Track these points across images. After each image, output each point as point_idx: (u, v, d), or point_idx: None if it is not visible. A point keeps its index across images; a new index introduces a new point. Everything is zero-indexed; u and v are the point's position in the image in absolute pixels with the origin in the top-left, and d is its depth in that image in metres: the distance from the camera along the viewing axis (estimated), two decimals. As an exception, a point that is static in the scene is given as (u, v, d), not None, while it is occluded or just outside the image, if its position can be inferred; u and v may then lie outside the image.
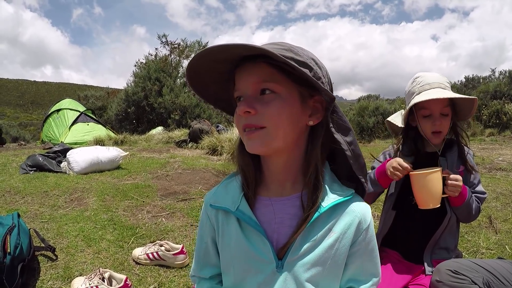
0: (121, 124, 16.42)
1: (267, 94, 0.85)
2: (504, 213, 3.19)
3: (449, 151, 1.80)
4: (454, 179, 1.60)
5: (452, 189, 1.59)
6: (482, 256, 2.44)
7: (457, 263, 1.50)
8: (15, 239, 2.04)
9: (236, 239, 0.94)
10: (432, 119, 1.71)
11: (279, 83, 0.85)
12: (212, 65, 0.88)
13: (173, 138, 9.25)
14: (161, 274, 2.27)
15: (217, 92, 0.98)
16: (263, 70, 0.84)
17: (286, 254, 0.90)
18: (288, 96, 0.86)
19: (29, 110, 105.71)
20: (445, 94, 1.66)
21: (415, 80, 1.81)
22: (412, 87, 1.80)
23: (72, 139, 9.44)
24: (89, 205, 3.38)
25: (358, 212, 0.94)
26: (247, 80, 0.87)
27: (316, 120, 0.91)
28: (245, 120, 0.86)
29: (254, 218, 0.91)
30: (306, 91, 0.88)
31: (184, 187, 4.12)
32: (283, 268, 0.90)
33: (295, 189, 0.95)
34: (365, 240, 0.95)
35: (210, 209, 1.01)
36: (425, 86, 1.74)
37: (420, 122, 1.75)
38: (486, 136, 10.86)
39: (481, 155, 6.17)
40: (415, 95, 1.75)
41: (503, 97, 16.01)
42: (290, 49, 0.84)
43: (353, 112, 14.19)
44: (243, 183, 0.96)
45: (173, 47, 18.00)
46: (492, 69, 24.90)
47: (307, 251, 0.90)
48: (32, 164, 4.80)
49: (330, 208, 0.90)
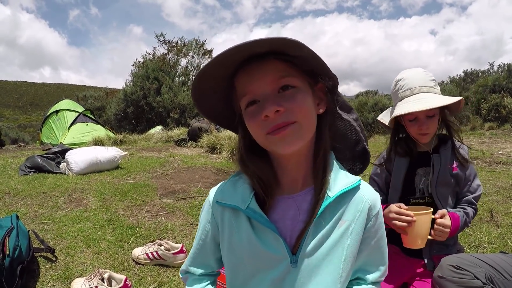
0: (120, 124, 16.42)
1: (289, 89, 0.84)
2: (505, 206, 3.18)
3: (443, 147, 1.77)
4: (441, 224, 1.56)
5: (438, 233, 1.56)
6: (484, 251, 2.43)
7: (459, 258, 1.49)
8: (14, 241, 2.03)
9: (247, 237, 0.92)
10: (418, 123, 1.68)
11: (295, 76, 0.85)
12: (214, 71, 0.83)
13: (172, 137, 9.25)
14: (161, 273, 2.26)
15: (217, 107, 0.94)
16: (277, 67, 0.83)
17: (299, 249, 0.89)
18: (304, 87, 0.86)
19: (28, 111, 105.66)
20: (426, 104, 1.60)
21: (398, 83, 1.77)
22: (395, 90, 1.77)
23: (71, 140, 9.43)
24: (89, 205, 3.37)
25: (368, 198, 0.93)
26: (262, 80, 0.83)
27: (323, 107, 0.92)
28: (273, 121, 0.82)
29: (265, 216, 0.89)
30: (312, 81, 0.89)
31: (184, 186, 4.11)
32: (298, 263, 0.89)
33: (306, 184, 0.94)
34: (375, 226, 0.95)
35: (216, 206, 0.98)
36: (407, 92, 1.70)
37: (406, 125, 1.74)
38: (486, 130, 10.84)
39: (481, 149, 6.16)
40: (398, 102, 1.73)
41: (502, 91, 15.97)
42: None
43: (352, 108, 14.19)
44: (259, 188, 0.91)
45: (170, 46, 17.99)
46: (491, 63, 24.90)
47: (320, 243, 0.89)
48: (31, 166, 4.78)
49: (338, 197, 0.89)
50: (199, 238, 1.04)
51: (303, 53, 0.80)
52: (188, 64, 18.11)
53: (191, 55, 18.38)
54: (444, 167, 1.72)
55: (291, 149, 0.85)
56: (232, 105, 0.94)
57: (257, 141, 0.89)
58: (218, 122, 1.02)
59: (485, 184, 3.82)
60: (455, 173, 1.73)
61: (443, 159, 1.73)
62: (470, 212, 1.72)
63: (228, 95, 0.92)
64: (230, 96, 0.92)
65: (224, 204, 0.95)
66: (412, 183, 1.80)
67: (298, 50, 0.79)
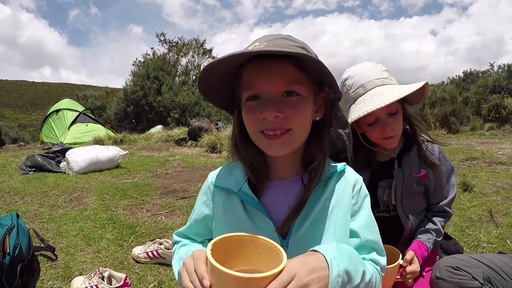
0: (120, 123, 16.42)
1: (293, 96, 0.85)
2: (505, 207, 3.18)
3: (407, 155, 1.56)
4: (410, 272, 1.47)
5: (407, 278, 1.48)
6: (483, 251, 2.43)
7: (457, 259, 1.49)
8: (14, 240, 2.03)
9: (239, 219, 0.94)
10: (380, 125, 1.44)
11: (303, 85, 0.86)
12: (229, 62, 0.84)
13: (173, 136, 9.26)
14: (161, 272, 2.26)
15: (217, 87, 0.94)
16: (289, 72, 0.83)
17: (290, 233, 0.91)
18: (308, 97, 0.88)
19: (28, 111, 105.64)
20: (386, 99, 1.35)
21: (345, 83, 1.51)
22: (344, 94, 1.48)
23: (71, 139, 9.43)
24: (89, 204, 3.38)
25: (351, 178, 0.97)
26: (270, 81, 0.84)
27: (320, 115, 0.95)
28: (270, 123, 0.84)
29: (256, 199, 0.92)
30: (316, 89, 0.91)
31: (184, 185, 4.12)
32: (288, 247, 0.90)
33: (297, 170, 0.97)
34: (360, 193, 0.97)
35: (212, 188, 1.03)
36: (359, 90, 1.45)
37: (366, 131, 1.50)
38: (486, 131, 10.85)
39: (481, 149, 6.17)
40: (350, 105, 1.48)
41: (502, 91, 15.97)
42: (303, 46, 0.87)
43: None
44: (251, 174, 0.95)
45: (171, 45, 17.99)
46: (491, 63, 24.90)
47: (309, 226, 0.90)
48: (31, 165, 4.79)
49: (323, 181, 0.93)
50: (193, 218, 1.07)
51: (318, 68, 0.82)
52: (188, 64, 18.13)
53: (191, 55, 18.40)
54: (409, 179, 1.56)
55: (279, 154, 0.89)
56: (232, 89, 0.94)
57: (248, 133, 0.92)
58: (214, 102, 1.01)
59: (484, 184, 3.82)
60: (423, 182, 1.58)
61: (407, 171, 1.55)
62: (440, 226, 1.60)
63: (232, 79, 0.92)
64: (233, 80, 0.92)
65: (219, 187, 0.99)
66: (375, 196, 1.63)
67: (317, 65, 0.81)
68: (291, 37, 0.89)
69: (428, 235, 1.59)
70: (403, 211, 1.61)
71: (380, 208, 1.65)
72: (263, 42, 0.85)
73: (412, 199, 1.61)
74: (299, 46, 0.85)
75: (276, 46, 0.82)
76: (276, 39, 0.86)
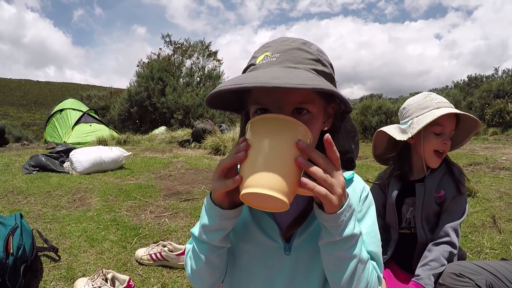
0: (124, 124, 16.47)
1: (303, 114, 0.82)
2: (508, 212, 3.17)
3: (431, 174, 1.73)
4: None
5: None
6: (486, 256, 2.43)
7: (460, 266, 1.49)
8: (17, 240, 2.05)
9: (246, 222, 0.95)
10: (443, 137, 1.64)
11: (315, 103, 0.83)
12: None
13: (176, 138, 9.28)
14: (164, 274, 2.27)
15: (224, 99, 0.91)
16: (302, 92, 0.80)
17: (293, 237, 0.91)
18: (318, 113, 0.85)
19: (32, 110, 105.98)
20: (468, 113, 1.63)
21: (428, 96, 1.73)
22: (425, 101, 1.71)
23: (75, 139, 9.47)
24: (92, 205, 3.39)
25: (358, 186, 0.97)
26: (282, 99, 0.80)
27: (328, 125, 0.93)
28: None
29: None
30: (327, 104, 0.89)
31: (187, 187, 4.13)
32: (291, 251, 0.91)
33: None
34: (365, 202, 0.96)
35: None
36: (441, 103, 1.67)
37: (427, 138, 1.67)
38: (489, 135, 10.82)
39: (485, 154, 6.14)
40: (432, 109, 1.66)
41: (506, 96, 15.94)
42: (318, 59, 0.83)
43: (356, 111, 14.13)
44: None
45: (176, 47, 18.03)
46: (495, 67, 24.86)
47: (313, 232, 0.90)
48: (35, 164, 4.81)
49: None
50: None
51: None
52: (192, 65, 18.15)
53: (196, 56, 18.42)
54: (429, 196, 1.68)
55: None
56: (240, 94, 0.92)
57: None
58: (222, 109, 0.97)
59: (488, 189, 3.81)
60: (440, 202, 1.69)
61: (428, 187, 1.70)
62: (441, 256, 1.58)
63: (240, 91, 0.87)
64: (241, 91, 0.87)
65: None
66: (400, 212, 1.79)
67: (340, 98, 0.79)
68: (306, 45, 0.85)
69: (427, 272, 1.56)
70: (422, 228, 1.70)
71: (402, 225, 1.77)
72: (275, 54, 0.82)
73: (431, 219, 1.71)
74: (314, 59, 0.82)
75: (290, 61, 0.80)
76: (291, 49, 0.82)
